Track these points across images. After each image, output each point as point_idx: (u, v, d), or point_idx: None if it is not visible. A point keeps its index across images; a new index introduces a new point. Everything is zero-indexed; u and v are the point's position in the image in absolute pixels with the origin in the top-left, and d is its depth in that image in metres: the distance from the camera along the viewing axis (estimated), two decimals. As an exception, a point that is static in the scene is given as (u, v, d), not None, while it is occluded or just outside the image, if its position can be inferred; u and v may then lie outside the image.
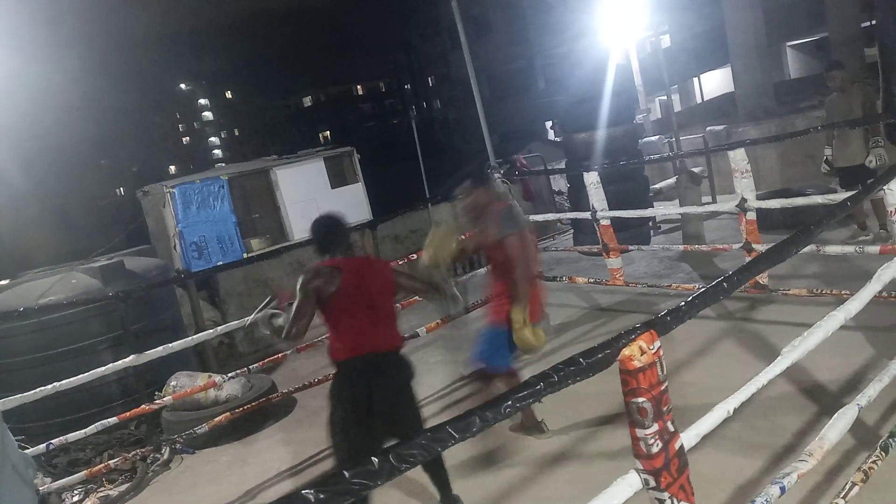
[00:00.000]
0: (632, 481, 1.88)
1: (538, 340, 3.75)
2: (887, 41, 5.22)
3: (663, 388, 1.89)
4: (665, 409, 1.89)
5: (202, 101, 68.48)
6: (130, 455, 4.72)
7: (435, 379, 5.36)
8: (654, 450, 1.86)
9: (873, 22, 5.50)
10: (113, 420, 4.51)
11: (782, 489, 2.25)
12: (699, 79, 23.79)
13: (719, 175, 9.12)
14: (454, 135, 40.58)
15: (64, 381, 4.35)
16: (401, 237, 9.17)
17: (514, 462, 3.78)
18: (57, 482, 4.46)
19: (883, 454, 2.62)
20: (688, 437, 2.02)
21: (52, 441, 4.31)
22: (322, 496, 1.34)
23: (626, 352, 1.85)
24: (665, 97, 11.32)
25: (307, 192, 8.97)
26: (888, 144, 5.89)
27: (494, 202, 3.89)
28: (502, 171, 7.97)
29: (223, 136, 68.30)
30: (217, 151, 66.36)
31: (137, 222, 9.68)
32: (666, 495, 1.88)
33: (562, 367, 1.76)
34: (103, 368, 4.55)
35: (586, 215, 6.28)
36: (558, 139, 14.31)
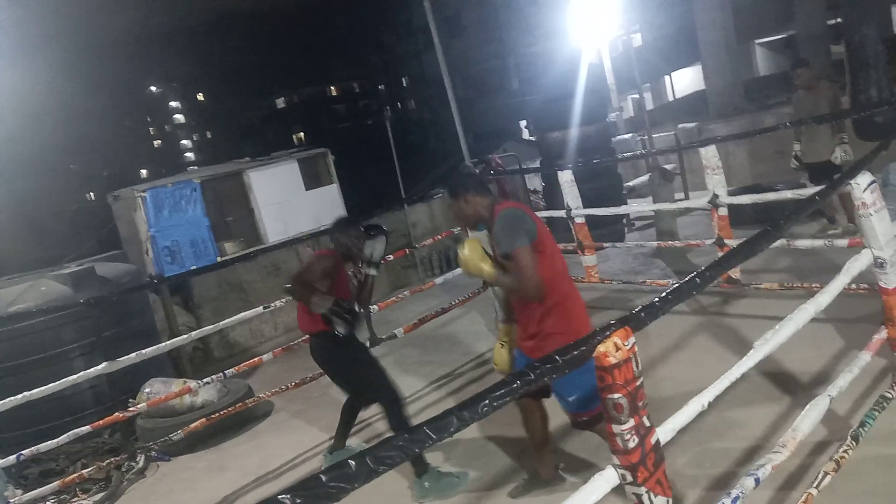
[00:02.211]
0: (609, 476, 1.89)
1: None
2: (854, 39, 5.34)
3: (638, 383, 1.91)
4: (641, 404, 1.91)
5: (173, 104, 67.66)
6: (105, 464, 4.64)
7: (413, 379, 5.35)
8: (631, 445, 1.88)
9: (839, 20, 5.62)
10: (86, 429, 4.41)
11: (757, 481, 2.28)
12: (671, 77, 24.07)
13: (691, 172, 9.23)
14: (429, 135, 40.61)
15: (35, 391, 4.26)
16: (377, 238, 9.12)
17: (493, 458, 3.78)
18: (28, 493, 4.36)
19: (854, 443, 2.67)
20: (664, 432, 2.04)
21: (23, 452, 4.22)
22: (299, 500, 1.33)
23: (601, 348, 1.86)
24: (637, 95, 11.44)
25: (281, 194, 8.91)
26: (853, 140, 6.02)
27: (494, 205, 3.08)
28: (478, 171, 8.00)
29: (195, 138, 67.54)
30: (189, 154, 65.62)
31: (108, 227, 9.52)
32: (643, 490, 1.90)
33: (537, 365, 1.77)
34: (75, 376, 4.46)
35: (561, 213, 6.31)
36: (532, 138, 14.38)
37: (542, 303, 2.92)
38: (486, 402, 1.67)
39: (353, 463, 1.44)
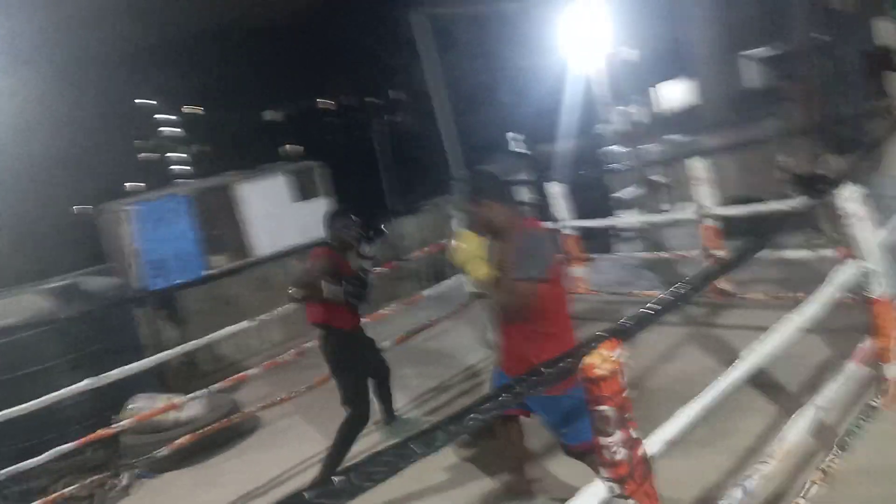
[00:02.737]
0: (597, 490, 1.88)
1: None
2: (836, 59, 5.43)
3: (626, 395, 1.90)
4: (628, 416, 1.90)
5: (164, 116, 67.51)
6: (88, 482, 4.57)
7: (401, 392, 5.31)
8: (619, 457, 1.87)
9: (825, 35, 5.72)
10: (69, 446, 4.36)
11: (745, 491, 2.27)
12: (661, 90, 24.24)
13: (680, 184, 9.27)
14: (419, 147, 40.65)
15: (17, 407, 4.21)
16: (367, 251, 9.11)
17: (480, 470, 3.75)
18: (10, 513, 4.30)
19: (841, 452, 2.67)
20: (651, 444, 2.03)
21: (3, 470, 4.16)
22: (280, 517, 1.31)
23: (588, 360, 1.85)
24: (627, 108, 11.48)
25: (270, 206, 8.87)
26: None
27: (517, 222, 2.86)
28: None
29: (185, 151, 67.35)
30: (178, 167, 65.42)
31: (94, 241, 9.45)
32: (631, 502, 1.88)
33: (524, 378, 1.76)
34: (59, 392, 4.41)
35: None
36: (523, 150, 14.41)
37: (543, 329, 2.79)
38: (473, 415, 1.66)
39: (338, 480, 1.42)
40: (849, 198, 3.04)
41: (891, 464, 2.84)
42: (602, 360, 1.85)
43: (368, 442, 4.59)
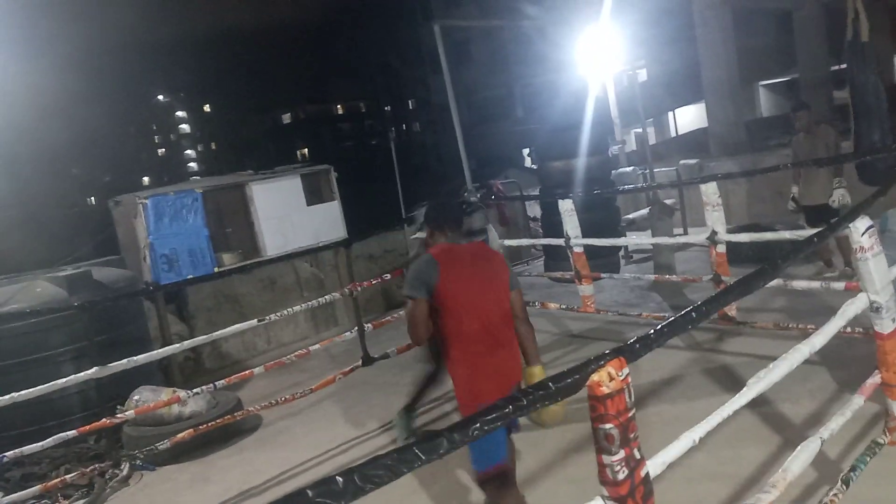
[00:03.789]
0: (596, 508, 1.88)
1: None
2: (857, 86, 5.43)
3: (630, 414, 1.90)
4: (632, 436, 1.90)
5: (179, 114, 68.09)
6: (88, 470, 4.60)
7: (404, 401, 5.31)
8: (620, 477, 1.87)
9: (843, 66, 5.72)
10: (71, 433, 4.38)
11: (745, 520, 2.27)
12: (674, 113, 24.27)
13: (691, 208, 9.28)
14: (432, 158, 40.79)
15: (22, 392, 4.23)
16: (375, 256, 9.14)
17: (471, 487, 3.74)
18: (9, 496, 4.32)
19: (844, 487, 2.66)
20: (654, 465, 2.03)
21: (5, 454, 4.18)
22: (284, 515, 1.32)
23: (594, 377, 1.86)
24: (640, 130, 11.52)
25: (282, 208, 8.92)
26: (851, 184, 6.07)
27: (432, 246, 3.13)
28: (479, 196, 8.06)
29: (199, 149, 67.86)
30: (193, 164, 65.89)
31: (107, 232, 9.52)
32: (630, 523, 1.89)
33: (531, 391, 1.77)
34: (64, 380, 4.44)
35: (560, 242, 6.33)
36: (535, 167, 14.45)
37: (446, 361, 2.98)
38: (478, 425, 1.67)
39: (341, 480, 1.43)
40: (863, 231, 3.04)
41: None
42: (609, 379, 1.86)
43: (373, 445, 4.62)
